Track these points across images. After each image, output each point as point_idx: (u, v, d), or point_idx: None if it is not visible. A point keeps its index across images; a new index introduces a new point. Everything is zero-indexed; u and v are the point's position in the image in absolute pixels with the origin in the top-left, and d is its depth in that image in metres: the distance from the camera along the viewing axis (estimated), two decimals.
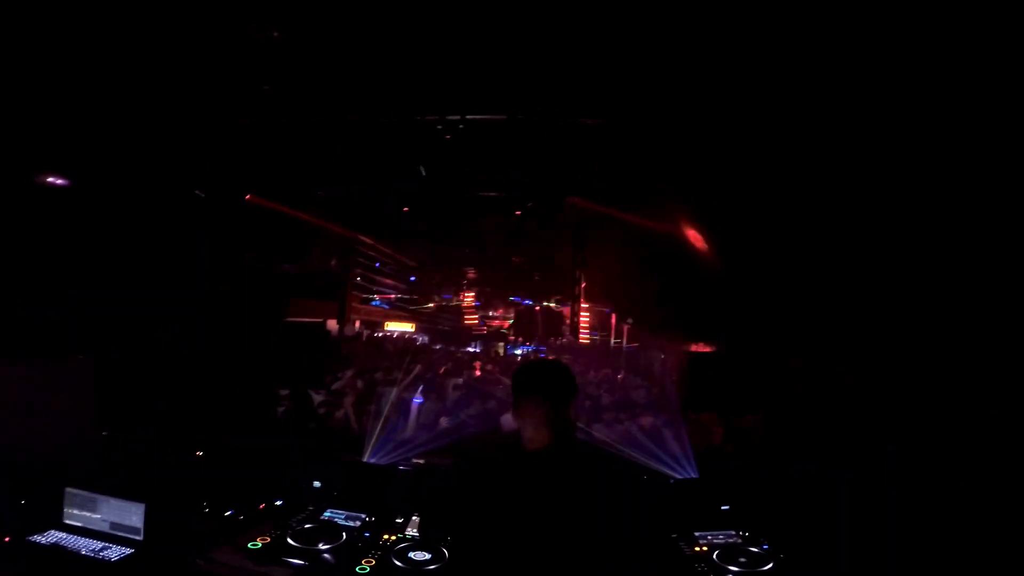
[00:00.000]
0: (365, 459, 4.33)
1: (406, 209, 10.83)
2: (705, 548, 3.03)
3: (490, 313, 14.60)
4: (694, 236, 5.98)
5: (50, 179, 5.25)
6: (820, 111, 2.99)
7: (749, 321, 5.15)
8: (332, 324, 12.30)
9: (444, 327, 14.63)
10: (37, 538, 3.00)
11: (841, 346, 3.92)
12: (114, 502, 3.09)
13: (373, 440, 4.63)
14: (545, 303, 13.95)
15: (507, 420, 4.99)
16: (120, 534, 3.04)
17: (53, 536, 3.03)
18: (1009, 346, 2.82)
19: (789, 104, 3.10)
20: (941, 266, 3.05)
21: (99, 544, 2.96)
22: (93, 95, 4.65)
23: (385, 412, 5.37)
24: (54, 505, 3.18)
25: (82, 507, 3.14)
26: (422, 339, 14.67)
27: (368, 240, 12.49)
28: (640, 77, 3.65)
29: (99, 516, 3.10)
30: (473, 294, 14.75)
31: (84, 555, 2.88)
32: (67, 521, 3.14)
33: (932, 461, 2.96)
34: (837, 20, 2.66)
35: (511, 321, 13.95)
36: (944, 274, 3.04)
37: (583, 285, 11.17)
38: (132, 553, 2.91)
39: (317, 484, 3.60)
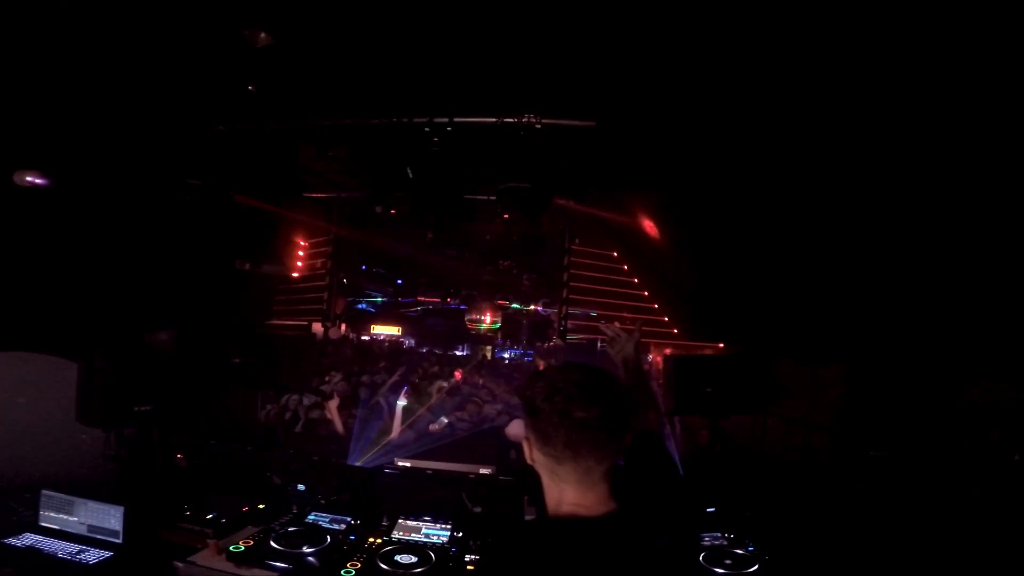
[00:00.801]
0: (350, 462, 4.30)
1: (393, 212, 10.77)
2: None
3: (478, 316, 14.55)
4: (684, 238, 6.02)
5: (29, 179, 5.15)
6: (820, 109, 2.98)
7: (742, 324, 5.19)
8: (317, 327, 12.21)
9: (431, 330, 14.58)
10: (11, 541, 2.93)
11: (832, 350, 3.96)
12: (92, 505, 3.03)
13: (358, 443, 4.61)
14: (533, 306, 13.95)
15: (515, 428, 4.82)
16: (99, 537, 2.98)
17: (28, 539, 2.96)
18: (993, 351, 2.87)
19: (788, 102, 3.09)
20: (931, 275, 3.09)
21: (76, 547, 2.90)
22: (77, 94, 4.58)
23: (370, 415, 5.35)
24: (29, 508, 3.12)
25: (58, 510, 3.08)
26: (409, 342, 14.61)
27: (354, 242, 12.42)
28: (632, 79, 3.66)
29: (76, 519, 3.04)
30: (460, 298, 14.70)
31: (61, 558, 2.82)
32: (43, 524, 3.08)
33: (921, 462, 3.00)
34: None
35: (499, 325, 13.91)
36: (933, 283, 3.09)
37: (570, 284, 11.17)
38: (111, 556, 2.86)
39: (301, 487, 3.57)
